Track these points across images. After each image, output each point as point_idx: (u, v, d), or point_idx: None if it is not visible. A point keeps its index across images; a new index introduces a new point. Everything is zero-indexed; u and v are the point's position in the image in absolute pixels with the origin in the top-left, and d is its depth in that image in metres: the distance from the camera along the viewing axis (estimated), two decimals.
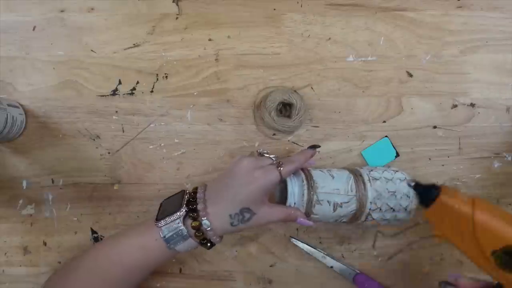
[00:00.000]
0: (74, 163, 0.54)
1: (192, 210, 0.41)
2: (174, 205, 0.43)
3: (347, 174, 0.47)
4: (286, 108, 0.53)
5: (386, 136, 0.54)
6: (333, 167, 0.53)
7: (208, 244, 0.43)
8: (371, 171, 0.48)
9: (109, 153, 0.54)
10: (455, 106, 0.54)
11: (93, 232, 0.54)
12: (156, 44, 0.55)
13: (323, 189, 0.45)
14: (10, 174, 0.54)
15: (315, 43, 0.55)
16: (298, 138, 0.54)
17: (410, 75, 0.54)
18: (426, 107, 0.54)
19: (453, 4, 0.55)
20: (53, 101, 0.54)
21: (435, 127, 0.54)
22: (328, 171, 0.47)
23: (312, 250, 0.52)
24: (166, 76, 0.54)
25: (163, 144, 0.54)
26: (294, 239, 0.52)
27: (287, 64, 0.54)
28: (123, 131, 0.54)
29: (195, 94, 0.54)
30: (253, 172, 0.41)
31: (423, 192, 0.36)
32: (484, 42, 0.55)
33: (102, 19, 0.55)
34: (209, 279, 0.53)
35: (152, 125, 0.54)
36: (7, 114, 0.49)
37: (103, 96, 0.54)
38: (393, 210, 0.46)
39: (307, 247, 0.52)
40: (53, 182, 0.54)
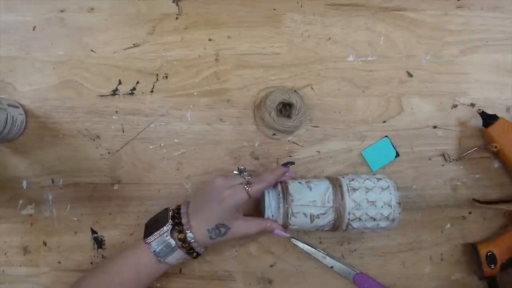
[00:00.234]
0: (74, 163, 0.54)
1: (177, 224, 0.45)
2: (159, 222, 0.46)
3: (326, 185, 0.48)
4: (286, 108, 0.53)
5: (386, 136, 0.54)
6: (332, 167, 0.54)
7: (194, 254, 0.46)
8: (352, 180, 0.48)
9: (109, 153, 0.54)
10: (455, 106, 0.54)
11: (93, 232, 0.54)
12: (156, 44, 0.55)
13: (298, 201, 0.46)
14: (10, 174, 0.54)
15: (315, 43, 0.55)
16: (298, 138, 0.54)
17: (410, 75, 0.54)
18: (426, 107, 0.54)
19: (453, 4, 0.55)
20: (53, 101, 0.54)
21: (435, 127, 0.54)
22: (307, 182, 0.48)
23: (312, 250, 0.52)
24: (166, 76, 0.54)
25: (163, 144, 0.54)
26: (294, 239, 0.52)
27: (287, 64, 0.54)
28: (123, 131, 0.54)
29: (195, 94, 0.54)
30: (223, 191, 0.44)
31: (488, 116, 0.50)
32: (484, 42, 0.55)
33: (102, 19, 0.55)
34: (209, 279, 0.53)
35: (152, 125, 0.54)
36: (7, 114, 0.49)
37: (103, 96, 0.54)
38: (374, 220, 0.46)
39: (307, 247, 0.52)
40: (53, 182, 0.54)
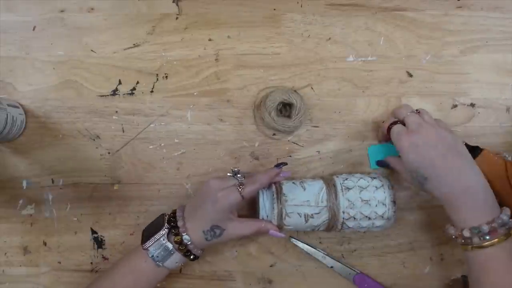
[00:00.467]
0: (74, 163, 0.54)
1: (173, 227, 0.45)
2: (155, 227, 0.46)
3: (320, 184, 0.48)
4: (286, 108, 0.53)
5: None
6: (332, 167, 0.54)
7: (191, 256, 0.46)
8: (346, 179, 0.48)
9: (109, 153, 0.54)
10: (455, 106, 0.54)
11: (93, 232, 0.54)
12: (156, 44, 0.55)
13: (292, 201, 0.46)
14: (10, 174, 0.54)
15: (315, 43, 0.55)
16: (298, 138, 0.54)
17: (410, 75, 0.54)
18: (426, 107, 0.54)
19: (453, 4, 0.55)
20: (53, 101, 0.54)
21: None
22: (301, 182, 0.48)
23: (312, 250, 0.52)
24: (166, 76, 0.54)
25: (163, 144, 0.54)
26: (294, 239, 0.52)
27: (287, 64, 0.54)
28: (123, 131, 0.54)
29: (195, 94, 0.54)
30: (217, 193, 0.44)
31: (471, 148, 0.48)
32: (484, 42, 0.55)
33: (102, 19, 0.55)
34: (209, 279, 0.53)
35: (152, 125, 0.54)
36: (7, 114, 0.49)
37: (103, 96, 0.54)
38: (368, 219, 0.46)
39: (307, 247, 0.52)
40: (53, 182, 0.54)
